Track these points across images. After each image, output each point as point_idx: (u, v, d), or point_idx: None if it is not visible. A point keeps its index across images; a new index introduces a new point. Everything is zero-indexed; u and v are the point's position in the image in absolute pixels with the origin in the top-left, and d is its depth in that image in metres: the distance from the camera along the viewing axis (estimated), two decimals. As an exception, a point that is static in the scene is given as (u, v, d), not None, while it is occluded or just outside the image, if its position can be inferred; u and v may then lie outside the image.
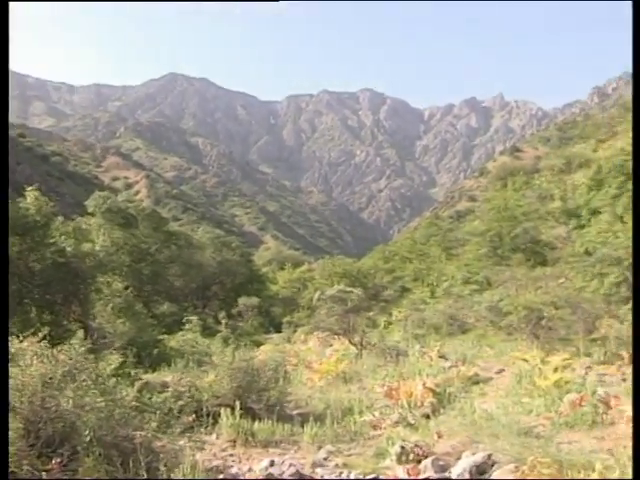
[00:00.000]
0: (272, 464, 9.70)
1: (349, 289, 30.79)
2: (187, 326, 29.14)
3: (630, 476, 7.76)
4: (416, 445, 9.84)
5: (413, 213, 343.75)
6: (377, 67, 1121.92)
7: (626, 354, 19.98)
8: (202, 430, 11.67)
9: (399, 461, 9.58)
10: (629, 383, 14.22)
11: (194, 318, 30.65)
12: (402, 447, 9.75)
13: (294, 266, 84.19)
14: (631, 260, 26.41)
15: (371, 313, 41.57)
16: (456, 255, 70.96)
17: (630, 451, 9.02)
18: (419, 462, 9.37)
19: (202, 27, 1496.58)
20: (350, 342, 26.33)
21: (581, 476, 8.03)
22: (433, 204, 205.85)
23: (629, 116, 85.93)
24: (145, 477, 8.08)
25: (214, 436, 11.70)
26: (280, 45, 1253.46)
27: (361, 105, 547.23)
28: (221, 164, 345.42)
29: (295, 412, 13.78)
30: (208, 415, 12.13)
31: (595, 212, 59.45)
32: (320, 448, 11.05)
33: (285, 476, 9.33)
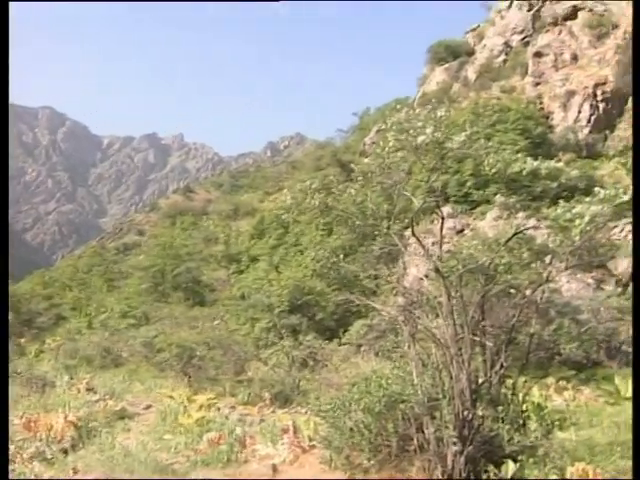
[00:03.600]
0: None
1: (-2, 313, 28.58)
2: None
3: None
4: (47, 482, 9.34)
5: (80, 240, 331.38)
6: (61, 86, 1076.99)
7: (268, 395, 21.01)
8: None
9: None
10: (266, 424, 14.92)
11: None
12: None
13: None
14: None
15: (22, 340, 39.08)
16: (118, 287, 69.71)
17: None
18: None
19: None
20: (-6, 370, 24.36)
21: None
22: (101, 233, 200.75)
23: (295, 173, 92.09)
24: None
25: None
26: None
27: (39, 122, 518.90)
28: None
29: None
30: None
31: (254, 259, 62.23)
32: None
33: None
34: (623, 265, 35.08)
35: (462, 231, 40.19)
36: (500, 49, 73.13)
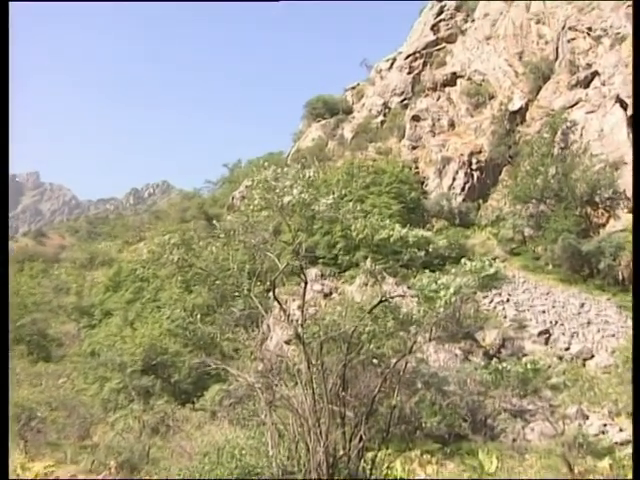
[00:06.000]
0: None
1: None
2: None
3: None
4: None
5: None
6: None
7: (114, 463, 20.33)
8: None
9: None
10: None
11: None
12: None
13: None
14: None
15: None
16: (-49, 338, 65.82)
17: None
18: None
19: None
20: None
21: None
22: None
23: (159, 224, 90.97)
24: None
25: None
26: None
27: None
28: None
29: None
30: None
31: (108, 314, 60.52)
32: None
33: None
34: (491, 336, 36.43)
35: (330, 295, 40.67)
36: (379, 109, 75.69)
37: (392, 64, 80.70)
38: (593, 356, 35.20)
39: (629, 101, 45.16)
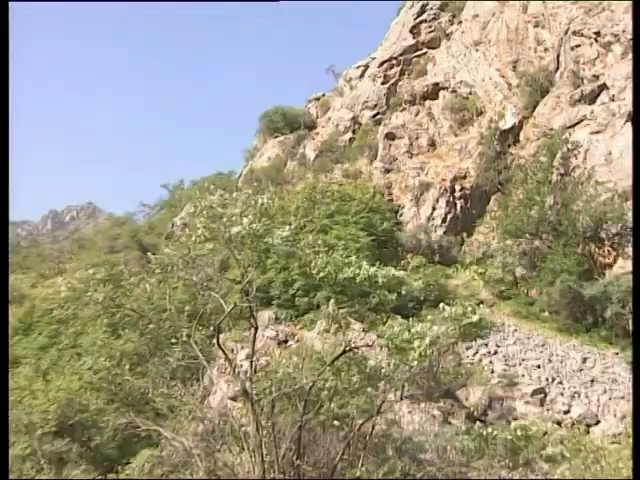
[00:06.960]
0: None
1: None
2: None
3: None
4: None
5: None
6: None
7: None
8: None
9: None
10: None
11: None
12: None
13: None
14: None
15: None
16: None
17: None
18: None
19: None
20: None
21: None
22: None
23: (83, 254, 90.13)
24: None
25: None
26: None
27: None
28: None
29: None
30: None
31: (16, 362, 59.40)
32: None
33: None
34: (476, 395, 36.36)
35: (285, 342, 40.45)
36: (347, 125, 75.98)
37: (364, 72, 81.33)
38: (599, 422, 35.08)
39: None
